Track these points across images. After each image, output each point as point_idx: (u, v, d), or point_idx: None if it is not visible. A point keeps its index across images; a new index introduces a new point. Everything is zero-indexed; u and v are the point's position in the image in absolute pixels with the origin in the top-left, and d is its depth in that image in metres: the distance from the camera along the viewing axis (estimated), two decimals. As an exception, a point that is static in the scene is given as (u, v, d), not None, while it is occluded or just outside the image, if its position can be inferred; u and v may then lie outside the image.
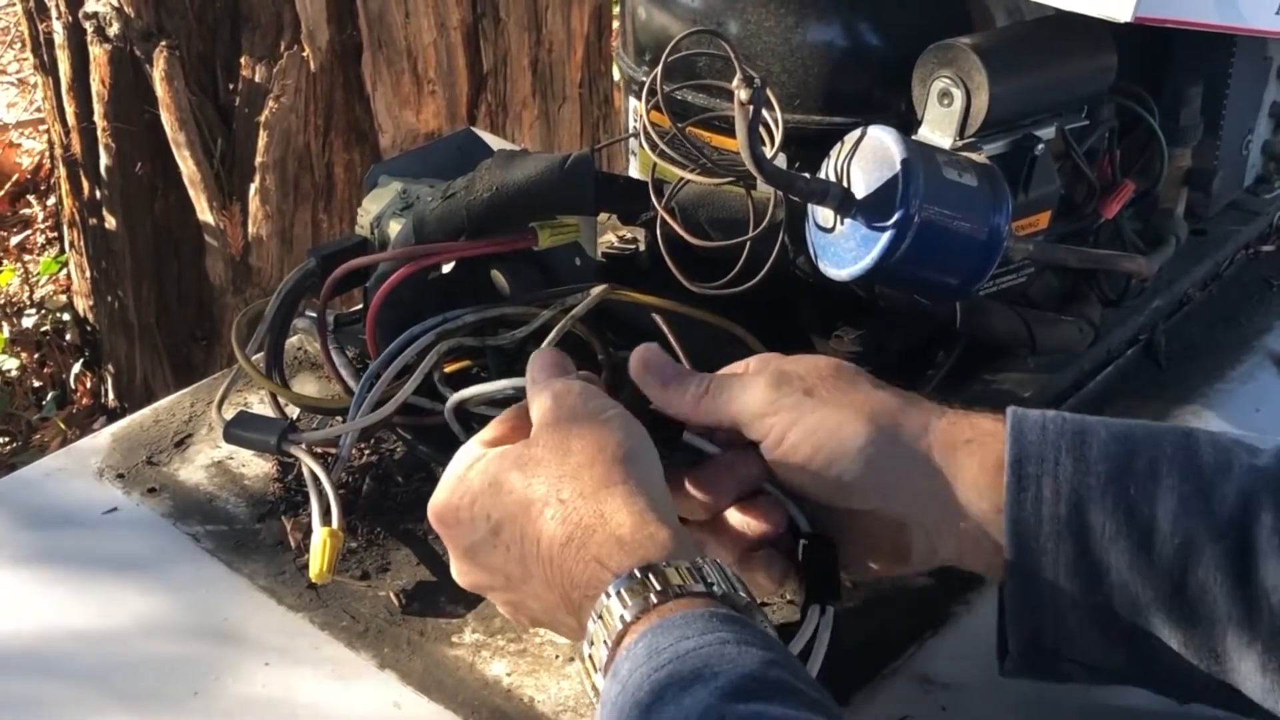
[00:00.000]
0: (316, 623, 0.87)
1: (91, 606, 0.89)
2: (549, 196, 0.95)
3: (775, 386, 0.76)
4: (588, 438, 0.72)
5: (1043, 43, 0.93)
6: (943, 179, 0.84)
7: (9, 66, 3.99)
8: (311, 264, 1.04)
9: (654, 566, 0.66)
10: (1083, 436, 0.72)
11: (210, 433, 1.03)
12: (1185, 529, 0.69)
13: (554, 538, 0.69)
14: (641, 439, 0.74)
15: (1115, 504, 0.70)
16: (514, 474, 0.72)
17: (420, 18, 2.16)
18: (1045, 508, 0.71)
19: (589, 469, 0.71)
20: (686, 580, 0.66)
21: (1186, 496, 0.70)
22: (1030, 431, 0.73)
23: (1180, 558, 0.69)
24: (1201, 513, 0.69)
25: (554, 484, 0.71)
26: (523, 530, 0.71)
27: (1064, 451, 0.72)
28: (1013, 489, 0.72)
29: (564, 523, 0.69)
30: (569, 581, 0.69)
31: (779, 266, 0.92)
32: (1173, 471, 0.71)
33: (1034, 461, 0.72)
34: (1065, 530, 0.71)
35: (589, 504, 0.69)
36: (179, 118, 2.15)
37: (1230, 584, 0.68)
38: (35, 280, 2.92)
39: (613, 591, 0.66)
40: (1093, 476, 0.71)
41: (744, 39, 0.97)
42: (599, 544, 0.68)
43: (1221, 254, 1.21)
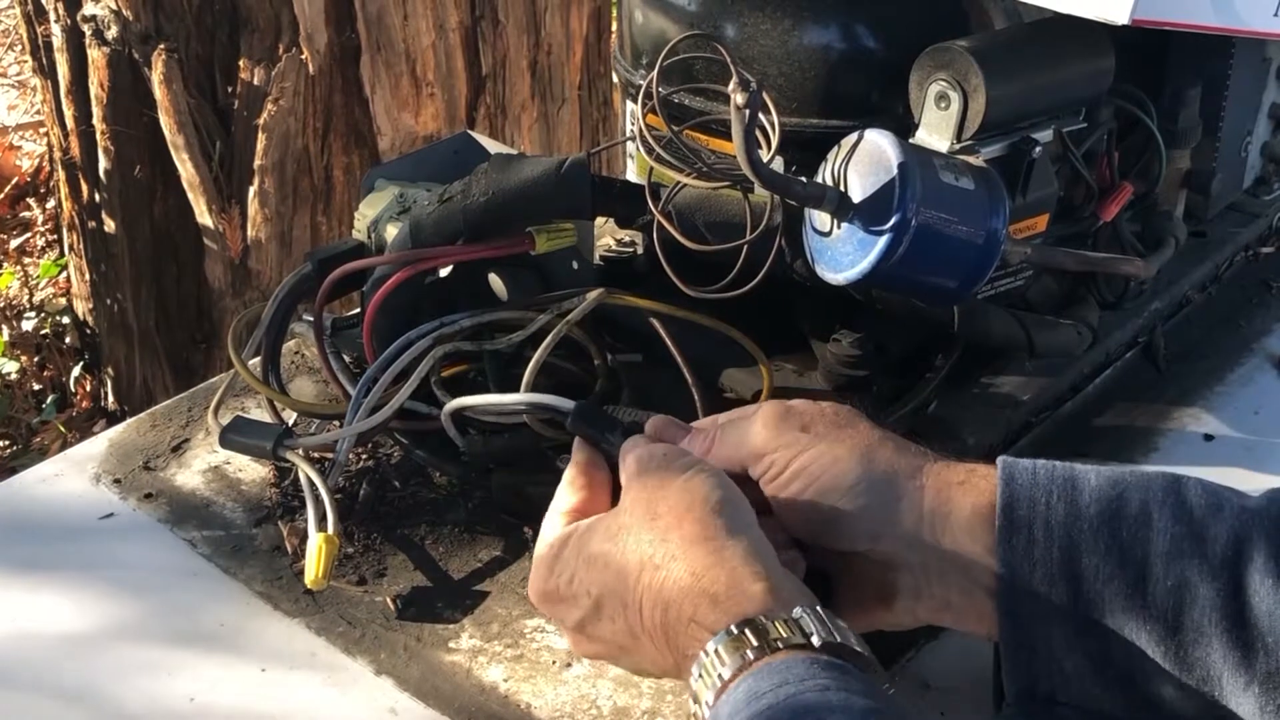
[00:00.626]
0: (313, 628, 0.87)
1: (88, 612, 0.89)
2: (546, 200, 0.95)
3: (774, 425, 0.77)
4: (673, 498, 0.72)
5: (1040, 45, 0.93)
6: (940, 182, 0.84)
7: (9, 69, 3.99)
8: (308, 268, 1.04)
9: (751, 621, 0.65)
10: (1073, 481, 0.72)
11: (207, 438, 1.03)
12: (1178, 571, 0.69)
13: (655, 604, 0.69)
14: (729, 489, 0.73)
15: (1108, 547, 0.70)
16: (606, 546, 0.72)
17: (419, 20, 2.16)
18: (1038, 550, 0.71)
19: (678, 529, 0.70)
20: (784, 633, 0.65)
21: (1179, 538, 0.70)
22: (1021, 476, 0.73)
23: (1175, 600, 0.69)
24: (1194, 554, 0.69)
25: (645, 550, 0.70)
26: (623, 602, 0.71)
27: (1055, 496, 0.72)
28: (1004, 532, 0.71)
29: (660, 589, 0.69)
30: (673, 646, 0.69)
31: (776, 270, 0.92)
32: (1164, 514, 0.70)
33: (1025, 505, 0.72)
34: (1058, 573, 0.70)
35: (681, 565, 0.69)
36: (178, 121, 2.15)
37: (1226, 625, 0.68)
38: (35, 283, 2.91)
39: (710, 650, 0.65)
40: (1084, 520, 0.71)
41: (740, 42, 0.97)
42: (694, 604, 0.67)
43: (1220, 256, 1.20)
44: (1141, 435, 1.02)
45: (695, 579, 0.68)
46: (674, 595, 0.68)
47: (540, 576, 0.76)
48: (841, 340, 1.00)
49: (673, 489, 0.72)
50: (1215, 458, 1.00)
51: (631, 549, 0.71)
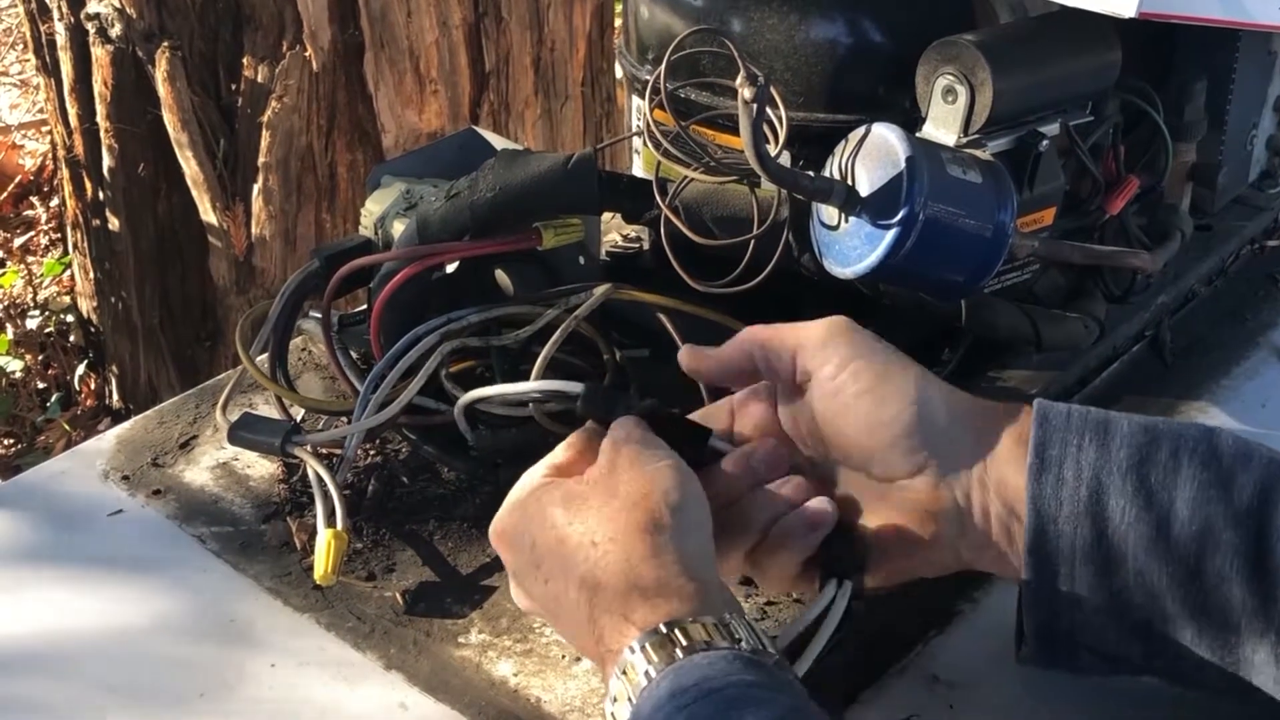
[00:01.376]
0: (322, 623, 0.87)
1: (97, 608, 0.89)
2: (553, 196, 0.95)
3: (839, 326, 0.78)
4: (636, 483, 0.71)
5: (1047, 39, 0.93)
6: (947, 176, 0.84)
7: (11, 68, 3.99)
8: (315, 265, 1.04)
9: (678, 622, 0.65)
10: (1106, 425, 0.73)
11: (215, 434, 1.03)
12: (1203, 516, 0.70)
13: (584, 581, 0.69)
14: (691, 489, 0.73)
15: (1135, 490, 0.71)
16: (559, 510, 0.72)
17: (422, 17, 2.16)
18: (1065, 490, 0.71)
19: (628, 513, 0.70)
20: (713, 636, 0.65)
21: (1206, 484, 0.70)
22: (1055, 418, 0.74)
23: (1198, 545, 0.70)
24: (1220, 500, 0.70)
25: (592, 527, 0.70)
26: (562, 568, 0.71)
27: (1087, 438, 0.72)
28: (1034, 470, 0.72)
29: (595, 566, 0.69)
30: (595, 632, 0.68)
31: (783, 264, 0.92)
32: (1194, 460, 0.71)
33: (1057, 445, 0.72)
34: (1084, 514, 0.71)
35: (619, 550, 0.68)
36: (181, 118, 2.15)
37: (1247, 572, 0.69)
38: (39, 282, 2.92)
39: (636, 647, 0.65)
40: (1114, 463, 0.71)
41: (747, 37, 0.97)
42: (623, 596, 0.67)
43: (1227, 249, 1.20)
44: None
45: (629, 568, 0.68)
46: (604, 579, 0.68)
47: (502, 514, 0.76)
48: (848, 334, 1.00)
49: (637, 473, 0.72)
50: (1222, 451, 1.00)
51: (579, 521, 0.71)
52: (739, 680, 0.63)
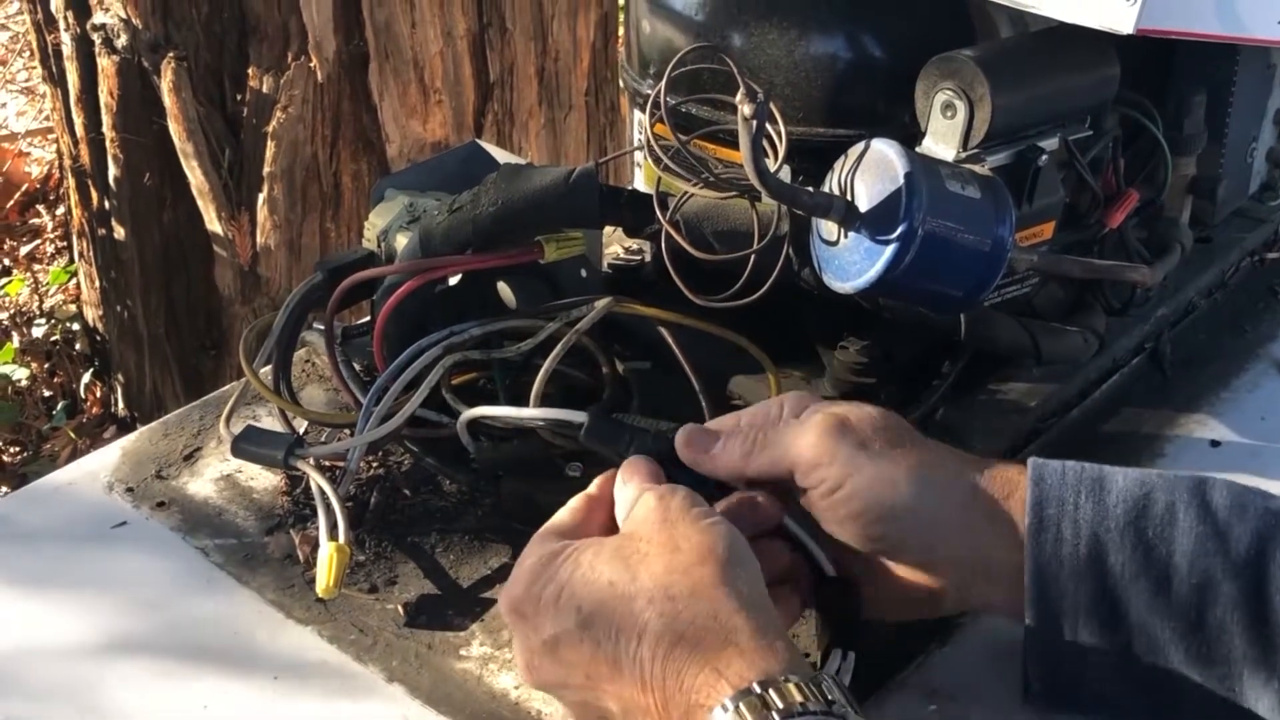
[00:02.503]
0: (325, 636, 0.87)
1: (102, 622, 0.89)
2: (554, 210, 0.96)
3: (830, 438, 0.76)
4: (695, 539, 0.69)
5: (1046, 54, 0.94)
6: (946, 191, 0.84)
7: (18, 75, 4.00)
8: (319, 277, 1.04)
9: (774, 682, 0.63)
10: (1101, 482, 0.74)
11: (219, 446, 1.03)
12: (1202, 569, 0.70)
13: (661, 636, 0.66)
14: (744, 545, 0.71)
15: (1134, 545, 0.72)
16: (615, 565, 0.69)
17: (427, 28, 2.16)
18: (1065, 548, 0.72)
19: (700, 568, 0.68)
20: (809, 698, 0.63)
21: (1203, 537, 0.71)
22: (1050, 477, 0.74)
23: (1198, 598, 0.70)
24: (1218, 553, 0.70)
25: (662, 580, 0.68)
26: (620, 625, 0.67)
27: (1083, 495, 0.73)
28: (1034, 531, 0.73)
29: (674, 620, 0.66)
30: (674, 685, 0.65)
31: (784, 279, 0.92)
32: (1189, 513, 0.72)
33: (1054, 504, 0.73)
34: (1085, 571, 0.72)
35: (703, 605, 0.66)
36: (187, 128, 2.15)
37: (1247, 622, 0.69)
38: (45, 290, 2.92)
39: (730, 705, 0.63)
40: (1111, 519, 0.72)
41: (747, 52, 0.97)
42: (715, 650, 0.65)
43: (1226, 262, 1.21)
44: (1148, 441, 1.03)
45: (717, 623, 0.66)
46: (691, 632, 0.66)
47: (521, 583, 0.72)
48: (849, 348, 1.01)
49: (694, 530, 0.70)
50: (1222, 464, 1.01)
51: (645, 575, 0.68)
52: None
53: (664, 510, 0.72)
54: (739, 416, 0.82)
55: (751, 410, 0.82)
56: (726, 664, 0.64)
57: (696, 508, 0.73)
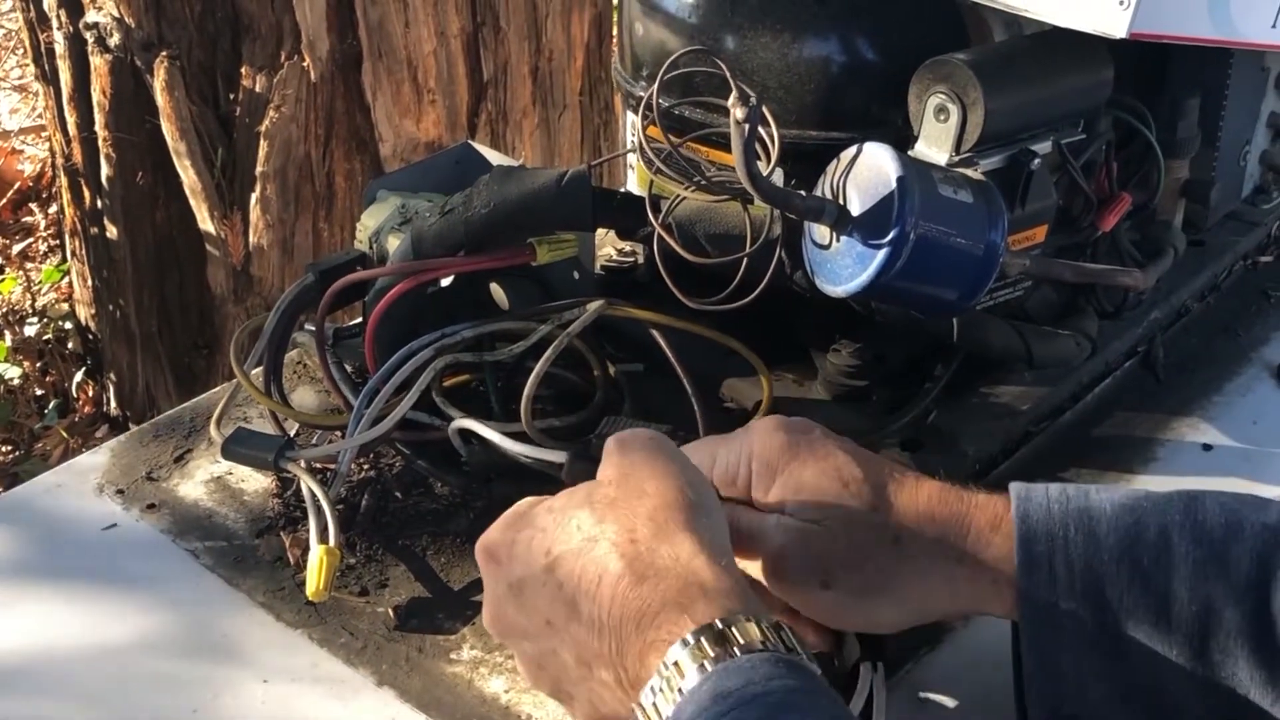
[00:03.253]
0: (315, 639, 0.87)
1: (91, 624, 0.89)
2: (546, 212, 0.95)
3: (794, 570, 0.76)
4: (662, 481, 0.70)
5: (1039, 58, 0.94)
6: (938, 195, 0.84)
7: (11, 73, 3.99)
8: (310, 279, 1.04)
9: (733, 620, 0.63)
10: (1088, 511, 0.73)
11: (210, 448, 1.03)
12: (1203, 596, 0.69)
13: (621, 575, 0.66)
14: (708, 490, 0.72)
15: (1130, 577, 0.71)
16: (583, 511, 0.69)
17: (420, 27, 2.16)
18: (1059, 585, 0.71)
19: (665, 511, 0.68)
20: (768, 637, 0.63)
21: (1200, 562, 0.70)
22: (1035, 511, 0.73)
23: (1200, 624, 0.70)
24: (1217, 578, 0.69)
25: (627, 523, 0.68)
26: (583, 567, 0.67)
27: (1072, 528, 0.72)
28: (1024, 568, 0.72)
29: (635, 560, 0.66)
30: (631, 627, 0.65)
31: (776, 281, 0.92)
32: (1184, 538, 0.71)
33: (1043, 540, 0.72)
34: (1081, 606, 0.71)
35: (667, 547, 0.66)
36: (180, 128, 2.15)
37: (1251, 646, 0.69)
38: (37, 289, 2.92)
39: (691, 639, 0.62)
40: (1104, 550, 0.71)
41: (740, 55, 0.97)
42: (677, 589, 0.65)
43: (1219, 265, 1.21)
44: (1140, 445, 1.03)
45: (679, 564, 0.66)
46: (651, 572, 0.65)
47: (497, 528, 0.73)
48: (841, 350, 1.01)
49: (660, 473, 0.70)
50: (1214, 468, 1.01)
51: (611, 519, 0.68)
52: (782, 685, 0.61)
53: (628, 454, 0.72)
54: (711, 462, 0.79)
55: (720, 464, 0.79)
56: (690, 601, 0.64)
57: (664, 453, 0.72)
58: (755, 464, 0.78)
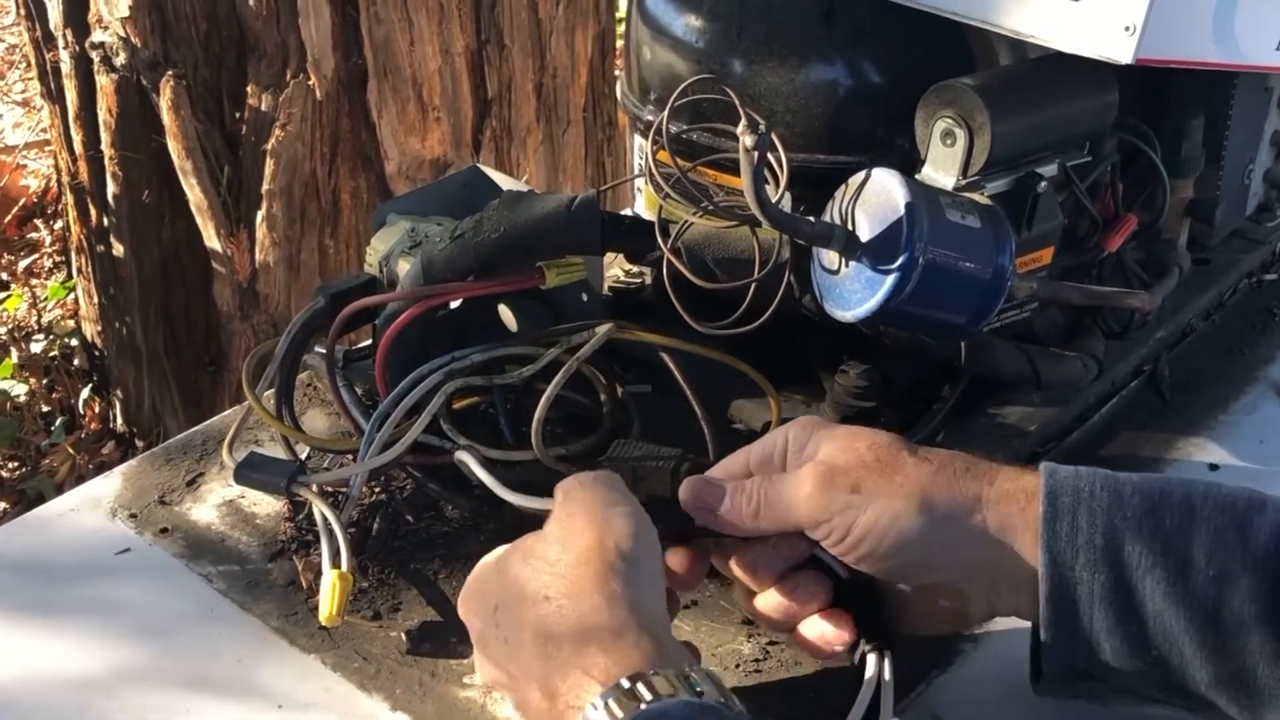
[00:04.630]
0: (328, 664, 0.87)
1: (106, 650, 0.89)
2: (556, 237, 0.96)
3: (822, 489, 0.76)
4: (589, 534, 0.71)
5: (1045, 81, 0.94)
6: (946, 221, 0.85)
7: (14, 87, 4.00)
8: (320, 302, 1.05)
9: (642, 675, 0.64)
10: (1116, 476, 0.74)
11: (222, 471, 1.04)
12: (1221, 561, 0.70)
13: (536, 636, 0.69)
14: (645, 538, 0.73)
15: (1152, 535, 0.71)
16: (517, 563, 0.72)
17: (425, 45, 2.17)
18: (1081, 536, 0.72)
19: (582, 567, 0.70)
20: (677, 689, 0.64)
21: (1222, 529, 0.71)
22: (1063, 470, 0.74)
23: (1215, 590, 0.70)
24: (1237, 545, 0.70)
25: (546, 580, 0.70)
26: (516, 622, 0.70)
27: (1098, 485, 0.73)
28: (1048, 518, 0.72)
29: (545, 620, 0.68)
30: (551, 686, 0.67)
31: (785, 305, 0.93)
32: (1207, 504, 0.72)
33: (1069, 493, 0.73)
34: (1101, 559, 0.71)
35: (574, 605, 0.68)
36: (186, 146, 2.16)
37: (1265, 617, 0.69)
38: (43, 305, 2.92)
39: (599, 703, 0.64)
40: (1128, 508, 0.72)
41: (748, 79, 0.98)
42: (580, 651, 0.67)
43: (1224, 283, 1.21)
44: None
45: (582, 624, 0.68)
46: (559, 632, 0.68)
47: (468, 583, 0.77)
48: (849, 371, 1.01)
49: (591, 525, 0.72)
50: (1220, 487, 1.01)
51: (534, 573, 0.71)
52: None
53: (565, 504, 0.74)
54: (746, 458, 0.81)
55: (756, 450, 0.81)
56: (592, 663, 0.66)
57: (603, 496, 0.74)
58: (792, 433, 0.80)
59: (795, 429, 0.80)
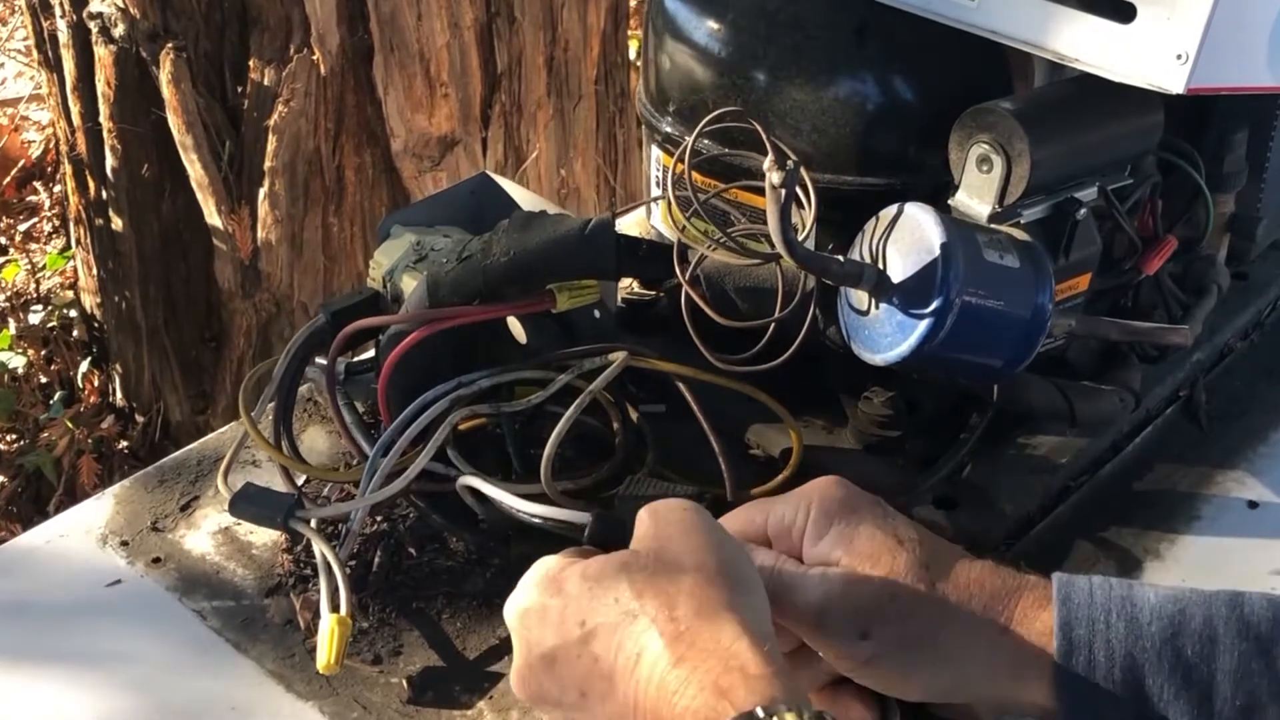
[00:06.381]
0: (326, 713, 0.84)
1: (95, 695, 0.86)
2: (569, 262, 0.92)
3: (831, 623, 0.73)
4: (701, 556, 0.67)
5: (1087, 104, 0.89)
6: (983, 261, 0.80)
7: (16, 34, 3.89)
8: (322, 320, 1.01)
9: (776, 710, 0.60)
10: (1131, 599, 0.71)
11: (217, 495, 0.99)
12: (1247, 690, 0.67)
13: (660, 656, 0.64)
14: (749, 566, 0.70)
15: (1172, 666, 0.68)
16: (622, 583, 0.67)
17: (433, 19, 2.11)
18: (1099, 671, 0.69)
19: (705, 589, 0.66)
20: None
21: (1246, 655, 0.68)
22: (1077, 595, 0.71)
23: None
24: (1263, 674, 0.67)
25: (667, 600, 0.65)
26: (620, 642, 0.65)
27: (1114, 614, 0.70)
28: (1064, 654, 0.70)
29: (676, 641, 0.64)
30: (667, 708, 0.63)
31: (809, 338, 0.88)
32: (1229, 630, 0.69)
33: (1084, 625, 0.70)
34: (1121, 694, 0.69)
35: (707, 627, 0.64)
36: (186, 120, 2.10)
37: None
38: (41, 274, 2.88)
39: None
40: (1145, 639, 0.69)
41: (772, 93, 0.93)
42: (718, 672, 0.62)
43: (1264, 300, 1.16)
44: (1183, 501, 0.99)
45: (719, 646, 0.63)
46: (692, 654, 0.63)
47: (531, 595, 0.70)
48: (873, 399, 0.97)
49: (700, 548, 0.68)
50: (1259, 527, 0.97)
51: (651, 593, 0.66)
52: None
53: (669, 528, 0.70)
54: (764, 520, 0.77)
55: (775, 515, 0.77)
56: (731, 687, 0.62)
57: (701, 526, 0.70)
58: (814, 513, 0.76)
59: (817, 509, 0.76)
